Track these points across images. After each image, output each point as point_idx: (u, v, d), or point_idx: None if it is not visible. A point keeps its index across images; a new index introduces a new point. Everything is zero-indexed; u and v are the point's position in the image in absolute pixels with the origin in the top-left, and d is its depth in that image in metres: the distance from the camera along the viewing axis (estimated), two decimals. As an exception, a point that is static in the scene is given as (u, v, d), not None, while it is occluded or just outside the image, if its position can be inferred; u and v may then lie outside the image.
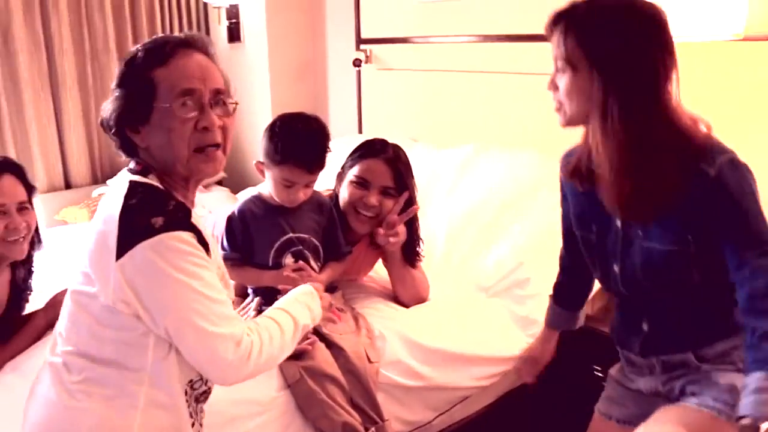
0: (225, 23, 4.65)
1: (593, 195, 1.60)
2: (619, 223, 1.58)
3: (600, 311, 2.52)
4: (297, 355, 1.94)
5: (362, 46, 3.99)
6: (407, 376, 2.16)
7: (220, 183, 4.52)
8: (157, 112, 1.35)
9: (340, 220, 2.27)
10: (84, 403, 1.37)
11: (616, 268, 1.63)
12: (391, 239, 2.25)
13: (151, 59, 1.37)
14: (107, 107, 1.41)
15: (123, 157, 1.45)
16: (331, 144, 2.11)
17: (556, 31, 1.49)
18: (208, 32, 4.93)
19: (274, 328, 1.45)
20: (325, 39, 4.40)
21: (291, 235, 2.13)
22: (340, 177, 2.36)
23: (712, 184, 1.42)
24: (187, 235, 1.31)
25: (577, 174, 1.63)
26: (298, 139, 2.03)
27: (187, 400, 1.42)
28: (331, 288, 2.23)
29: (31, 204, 2.04)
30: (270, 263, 2.11)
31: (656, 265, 1.54)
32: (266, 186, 2.15)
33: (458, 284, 2.56)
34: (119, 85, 1.39)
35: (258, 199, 2.17)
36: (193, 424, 1.45)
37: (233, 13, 4.57)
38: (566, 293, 1.99)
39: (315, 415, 1.91)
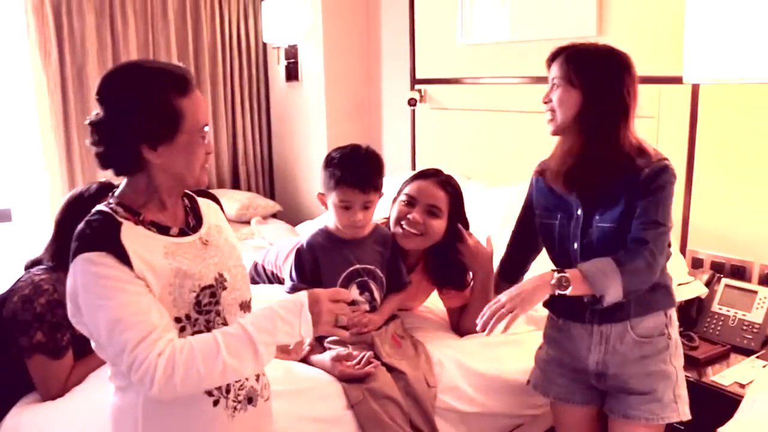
0: (283, 63, 4.85)
1: (560, 194, 2.05)
2: (580, 211, 2.00)
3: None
4: (361, 378, 2.06)
5: (417, 86, 4.15)
6: (463, 402, 2.25)
7: (274, 216, 4.67)
8: (183, 138, 1.47)
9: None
10: (110, 398, 1.56)
11: (575, 246, 2.02)
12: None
13: (175, 88, 1.47)
14: (115, 125, 1.45)
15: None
16: (384, 170, 2.24)
17: (558, 59, 1.98)
18: (266, 71, 5.16)
19: (204, 352, 1.41)
20: (380, 79, 4.58)
21: (357, 266, 2.24)
22: (394, 200, 2.47)
23: (643, 178, 1.90)
24: (96, 256, 1.38)
25: (552, 175, 2.05)
26: (350, 161, 2.17)
27: None
28: (391, 317, 2.34)
29: None
30: None
31: (607, 239, 1.95)
32: (330, 219, 2.28)
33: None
34: (131, 107, 1.45)
35: (325, 232, 2.29)
36: (216, 402, 1.51)
37: (292, 53, 4.77)
38: (508, 268, 2.32)
39: (376, 434, 2.02)
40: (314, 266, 2.25)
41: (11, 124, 4.25)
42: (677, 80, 2.65)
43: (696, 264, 2.86)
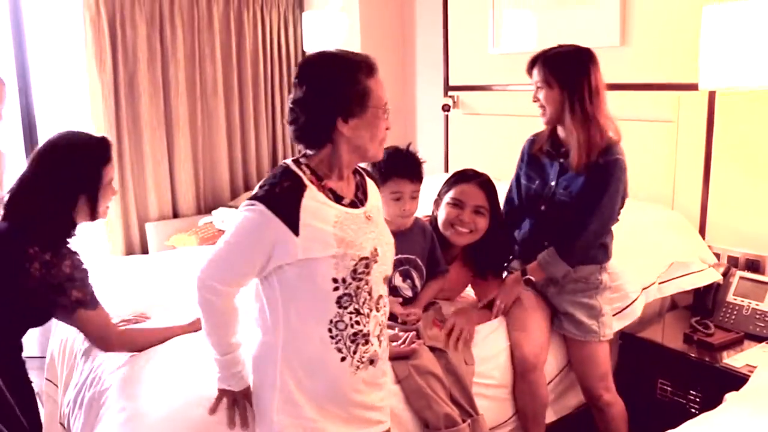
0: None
1: (542, 164, 2.61)
2: (553, 183, 2.55)
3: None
4: (407, 355, 2.28)
5: (450, 93, 4.39)
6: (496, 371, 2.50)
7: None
8: (371, 112, 1.73)
9: (438, 242, 2.61)
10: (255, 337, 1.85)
11: (543, 207, 2.59)
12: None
13: (362, 71, 1.74)
14: (314, 102, 1.73)
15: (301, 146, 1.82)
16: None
17: (537, 65, 2.48)
18: (305, 78, 5.36)
19: (220, 323, 1.81)
20: (415, 85, 4.82)
21: (399, 256, 2.45)
22: (437, 202, 2.72)
23: (599, 169, 2.40)
24: (268, 213, 1.67)
25: (540, 149, 2.63)
26: (397, 157, 2.43)
27: (334, 337, 1.75)
28: (431, 303, 2.58)
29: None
30: None
31: (563, 208, 2.51)
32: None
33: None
34: (328, 86, 1.72)
35: None
36: (343, 359, 1.77)
37: (330, 62, 4.99)
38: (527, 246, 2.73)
39: (421, 406, 2.22)
40: None
41: (67, 126, 4.52)
42: (694, 87, 2.85)
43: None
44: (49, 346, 2.80)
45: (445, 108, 4.33)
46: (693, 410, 2.52)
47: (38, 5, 4.33)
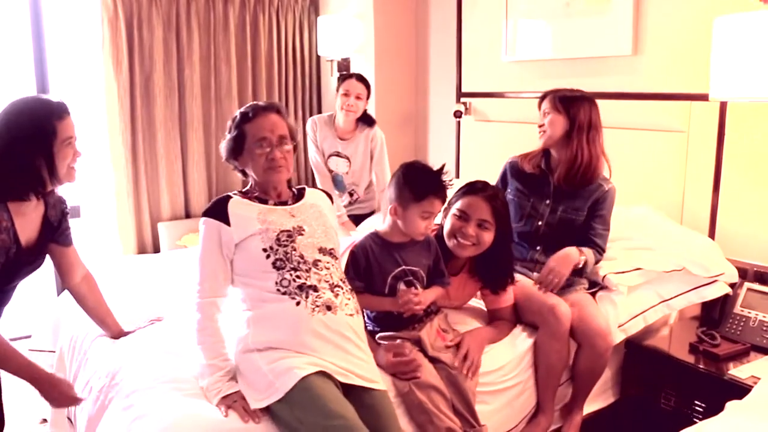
0: (336, 75, 5.10)
1: (536, 180, 2.96)
2: (548, 201, 2.91)
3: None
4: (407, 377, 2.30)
5: (462, 99, 4.39)
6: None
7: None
8: (247, 149, 2.29)
9: (442, 252, 2.62)
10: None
11: (540, 223, 2.94)
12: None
13: (244, 118, 2.31)
14: (223, 145, 2.36)
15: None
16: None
17: (548, 98, 2.94)
18: (320, 82, 5.42)
19: (206, 333, 2.17)
20: (428, 92, 4.83)
21: (403, 267, 2.48)
22: (446, 211, 2.70)
23: (604, 194, 2.85)
24: (205, 220, 2.21)
25: (534, 166, 3.00)
26: (430, 177, 2.43)
27: (284, 293, 2.13)
28: (436, 311, 2.58)
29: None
30: (386, 291, 2.46)
31: (566, 224, 2.88)
32: (382, 225, 2.52)
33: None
34: (228, 131, 2.34)
35: (375, 236, 2.52)
36: (298, 303, 2.11)
37: (344, 66, 5.03)
38: None
39: (422, 421, 2.24)
40: (366, 265, 2.47)
41: (82, 127, 4.56)
42: (705, 97, 2.85)
43: (721, 269, 3.04)
44: (59, 341, 2.82)
45: (457, 114, 4.33)
46: (697, 421, 2.51)
47: (57, 6, 4.38)
